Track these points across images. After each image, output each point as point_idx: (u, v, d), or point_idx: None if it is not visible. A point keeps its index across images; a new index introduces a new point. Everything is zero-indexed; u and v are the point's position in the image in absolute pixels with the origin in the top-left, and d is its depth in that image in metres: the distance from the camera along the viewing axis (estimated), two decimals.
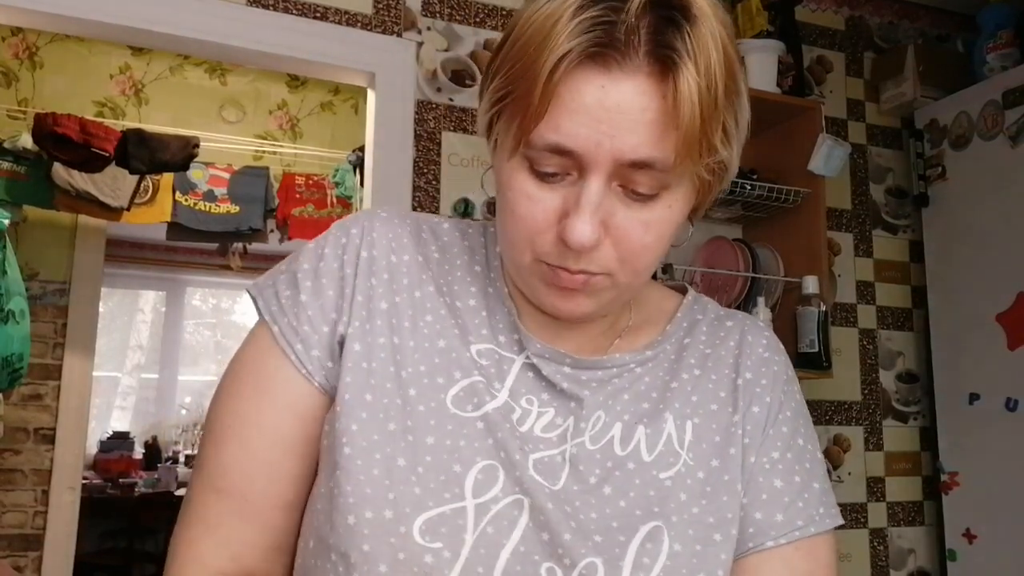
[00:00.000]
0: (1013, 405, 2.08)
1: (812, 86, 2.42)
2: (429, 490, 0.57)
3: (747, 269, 2.05)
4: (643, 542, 0.59)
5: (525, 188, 0.57)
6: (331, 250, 0.66)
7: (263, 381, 0.63)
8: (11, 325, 2.07)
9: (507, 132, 0.57)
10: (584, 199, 0.55)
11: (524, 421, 0.62)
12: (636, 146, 0.54)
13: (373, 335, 0.63)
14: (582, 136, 0.53)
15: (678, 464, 0.63)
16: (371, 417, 0.60)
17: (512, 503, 0.58)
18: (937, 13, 2.67)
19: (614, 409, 0.65)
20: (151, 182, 3.27)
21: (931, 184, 2.37)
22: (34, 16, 1.75)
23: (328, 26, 1.92)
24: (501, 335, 0.66)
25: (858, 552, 2.27)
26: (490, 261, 0.69)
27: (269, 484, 0.62)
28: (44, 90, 3.35)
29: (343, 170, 3.42)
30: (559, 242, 0.57)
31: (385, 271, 0.65)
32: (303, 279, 0.65)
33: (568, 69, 0.52)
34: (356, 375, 0.61)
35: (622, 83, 0.53)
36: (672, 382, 0.67)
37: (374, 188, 1.93)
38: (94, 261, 3.37)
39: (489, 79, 0.60)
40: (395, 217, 0.69)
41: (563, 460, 0.62)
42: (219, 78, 3.69)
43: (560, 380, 0.64)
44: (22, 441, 3.20)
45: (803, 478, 0.67)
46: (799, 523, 0.64)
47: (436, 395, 0.61)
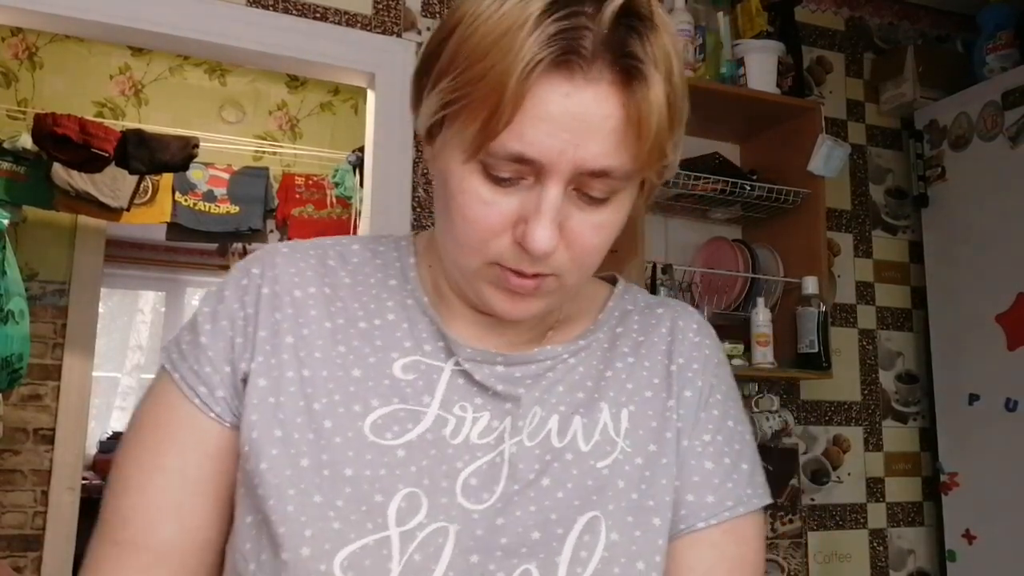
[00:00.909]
0: (1013, 405, 2.08)
1: (812, 87, 2.42)
2: (350, 523, 0.56)
3: (747, 269, 2.05)
4: (580, 535, 0.59)
5: (479, 192, 0.56)
6: (231, 292, 0.65)
7: (165, 427, 0.62)
8: (11, 325, 2.07)
9: (460, 136, 0.55)
10: (544, 206, 0.54)
11: (459, 431, 0.62)
12: (597, 155, 0.54)
13: (280, 369, 0.61)
14: (546, 145, 0.53)
15: (615, 452, 0.63)
16: (282, 453, 0.58)
17: (437, 530, 0.57)
18: (937, 14, 2.67)
19: (549, 402, 0.64)
20: (151, 182, 3.27)
21: (931, 185, 2.37)
22: (34, 16, 1.75)
23: (328, 26, 1.92)
24: (426, 344, 0.65)
25: (858, 552, 2.27)
26: (406, 273, 0.69)
27: (177, 530, 0.60)
28: (44, 90, 3.34)
29: (343, 170, 3.42)
30: (515, 246, 0.56)
31: (290, 306, 0.64)
32: (203, 323, 0.64)
33: (537, 75, 0.51)
34: (263, 412, 0.60)
35: (585, 91, 0.53)
36: (606, 371, 0.67)
37: (374, 188, 1.93)
38: (94, 261, 3.37)
39: (433, 78, 0.57)
40: (297, 251, 0.68)
41: (501, 461, 0.61)
42: (219, 78, 3.69)
43: (493, 383, 0.64)
44: (22, 441, 3.20)
45: (733, 459, 0.67)
46: (728, 503, 0.65)
47: (353, 424, 0.60)
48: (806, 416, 2.28)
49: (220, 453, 0.62)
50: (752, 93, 2.00)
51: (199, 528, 0.61)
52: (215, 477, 0.62)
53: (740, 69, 2.03)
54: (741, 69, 2.03)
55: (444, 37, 0.56)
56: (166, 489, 0.61)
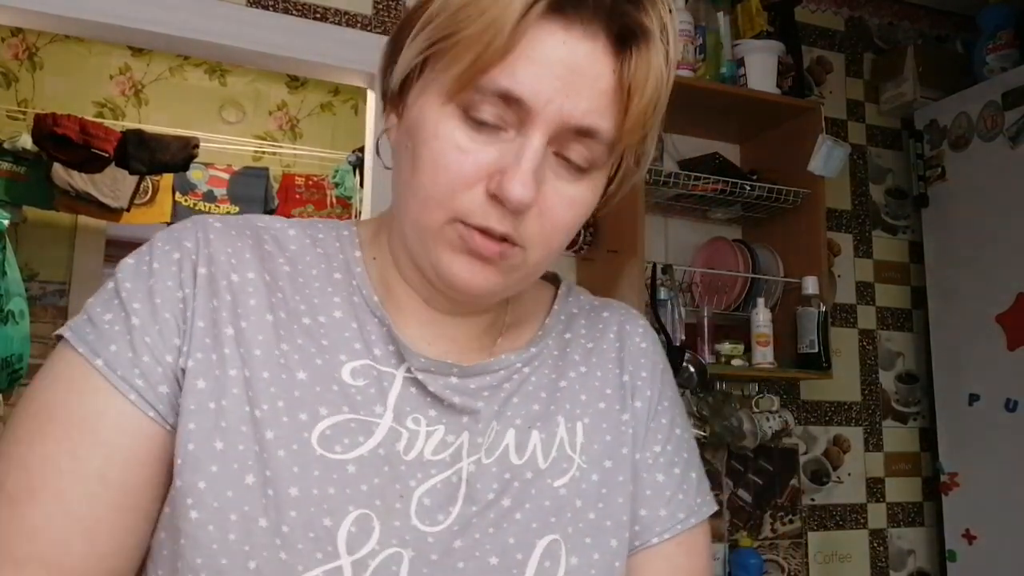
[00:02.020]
0: (1013, 406, 2.08)
1: (812, 87, 2.42)
2: (297, 552, 0.50)
3: (747, 270, 2.05)
4: (541, 560, 0.56)
5: (455, 137, 0.53)
6: (161, 265, 0.55)
7: (83, 424, 0.51)
8: (11, 326, 2.07)
9: (445, 74, 0.52)
10: (526, 156, 0.52)
11: (412, 447, 0.56)
12: (586, 112, 0.52)
13: (222, 367, 0.53)
14: (536, 88, 0.51)
15: (572, 469, 0.60)
16: (223, 470, 0.50)
17: (390, 557, 0.52)
18: (937, 14, 2.67)
19: (505, 415, 0.61)
20: (151, 183, 3.27)
21: (931, 185, 2.37)
22: (34, 17, 1.75)
23: (328, 27, 1.92)
24: (376, 348, 0.59)
25: (858, 553, 2.27)
26: (351, 267, 0.62)
27: (92, 547, 0.50)
28: (44, 91, 3.35)
29: (343, 171, 3.42)
30: (488, 200, 0.53)
31: (227, 291, 0.56)
32: (129, 300, 0.54)
33: (534, 16, 0.50)
34: (201, 419, 0.52)
35: (582, 44, 0.52)
36: (560, 380, 0.64)
37: (374, 189, 1.93)
38: (94, 262, 3.37)
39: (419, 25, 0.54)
40: (231, 228, 0.59)
41: (459, 480, 0.57)
42: (219, 79, 3.69)
43: (450, 395, 0.59)
44: None
45: (682, 469, 0.66)
46: (680, 516, 0.64)
47: (298, 435, 0.53)
48: (806, 416, 2.27)
49: (153, 460, 0.52)
50: (752, 93, 2.00)
51: (112, 553, 0.51)
52: (143, 489, 0.52)
53: (740, 69, 2.04)
54: (741, 69, 2.03)
55: None
56: (84, 499, 0.50)
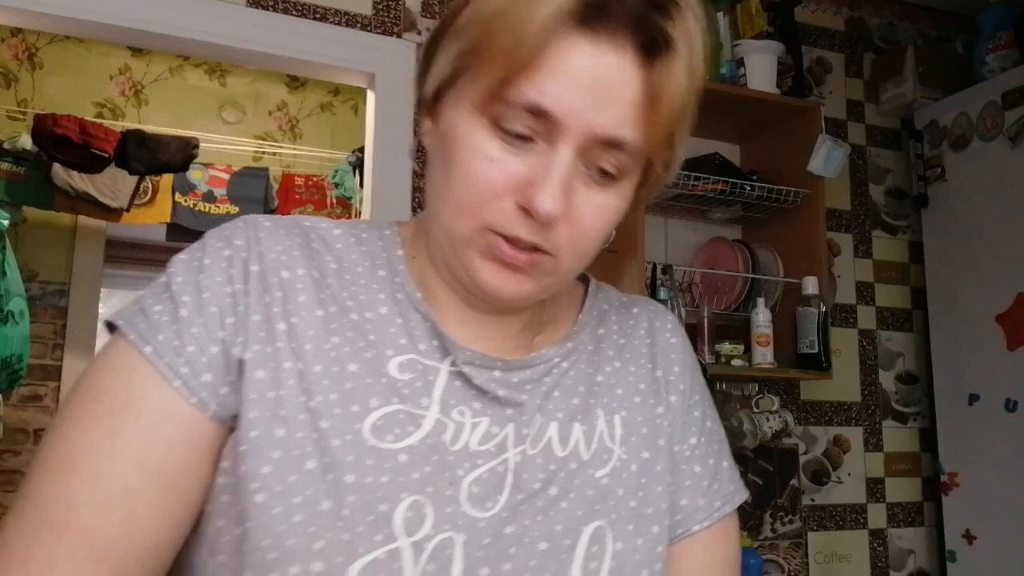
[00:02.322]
0: (1013, 406, 2.08)
1: (812, 87, 2.42)
2: (358, 534, 0.51)
3: (747, 270, 2.05)
4: (589, 545, 0.58)
5: (485, 148, 0.54)
6: (212, 262, 0.57)
7: (127, 408, 0.53)
8: (10, 326, 2.07)
9: (475, 85, 0.54)
10: (555, 168, 0.53)
11: (458, 438, 0.58)
12: (614, 123, 0.53)
13: (277, 359, 0.55)
14: (564, 101, 0.52)
15: (612, 460, 0.63)
16: (286, 455, 0.53)
17: (444, 540, 0.54)
18: (937, 14, 2.67)
19: (547, 408, 0.63)
20: (151, 183, 3.27)
21: (931, 185, 2.37)
22: (34, 17, 1.75)
23: (327, 27, 1.92)
24: (420, 343, 0.61)
25: (858, 553, 2.27)
26: (394, 265, 0.64)
27: (127, 525, 0.51)
28: (44, 91, 3.35)
29: (343, 171, 3.42)
30: (517, 210, 0.54)
31: (278, 288, 0.58)
32: (179, 293, 0.56)
33: (561, 29, 0.51)
34: (262, 407, 0.54)
35: (609, 55, 0.52)
36: (596, 375, 0.67)
37: (374, 189, 1.93)
38: (94, 262, 3.37)
39: (451, 35, 0.56)
40: (280, 228, 0.61)
41: (505, 470, 0.58)
42: (219, 79, 3.69)
43: (494, 388, 0.61)
44: (22, 442, 3.19)
45: (715, 459, 0.69)
46: (717, 504, 0.67)
47: (351, 426, 0.55)
48: (806, 416, 2.28)
49: (193, 445, 0.54)
50: (752, 93, 2.00)
51: (148, 532, 0.52)
52: (182, 473, 0.53)
53: (740, 69, 2.04)
54: (741, 69, 2.03)
55: (459, 7, 0.56)
56: (122, 477, 0.51)
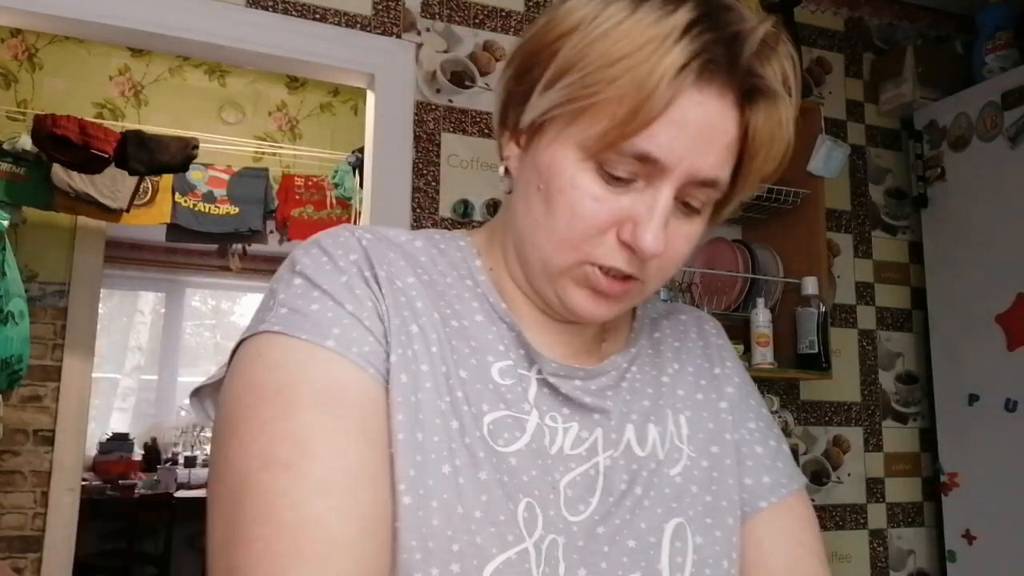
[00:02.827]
0: (1012, 406, 2.08)
1: (811, 87, 2.42)
2: (490, 535, 0.54)
3: (746, 270, 2.05)
4: (672, 541, 0.61)
5: (592, 189, 0.57)
6: (345, 264, 0.58)
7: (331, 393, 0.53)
8: (10, 326, 2.07)
9: (583, 133, 0.56)
10: (658, 208, 0.56)
11: (554, 442, 0.61)
12: (712, 166, 0.56)
13: (416, 362, 0.57)
14: (672, 149, 0.55)
15: (682, 459, 0.66)
16: (425, 460, 0.55)
17: (551, 542, 0.56)
18: (936, 14, 2.67)
19: (622, 411, 0.66)
20: (150, 183, 3.27)
21: (930, 185, 2.38)
22: (34, 17, 1.75)
23: (327, 27, 1.92)
24: (511, 352, 0.63)
25: (858, 553, 2.27)
26: (475, 276, 0.66)
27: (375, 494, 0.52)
28: (43, 91, 3.35)
29: (342, 171, 3.42)
30: (618, 244, 0.58)
31: (401, 294, 0.60)
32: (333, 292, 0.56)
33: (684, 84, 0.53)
34: (407, 411, 0.55)
35: (714, 103, 0.55)
36: (661, 376, 0.70)
37: (373, 189, 1.93)
38: (93, 262, 3.37)
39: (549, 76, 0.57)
40: (377, 239, 0.62)
41: (596, 473, 0.61)
42: (218, 79, 3.69)
43: (580, 395, 0.64)
44: (21, 443, 3.20)
45: (776, 442, 0.72)
46: (783, 481, 0.69)
47: (475, 426, 0.57)
48: (806, 416, 2.28)
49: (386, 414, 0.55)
50: None
51: (385, 502, 0.52)
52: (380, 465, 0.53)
53: None
54: None
55: (563, 34, 0.57)
56: (356, 453, 0.52)
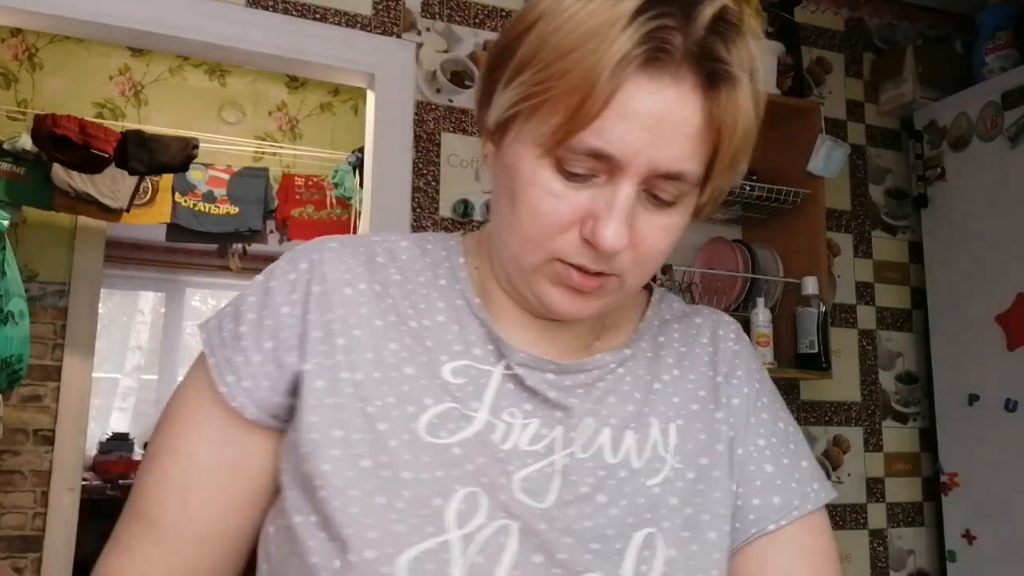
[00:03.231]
0: (1013, 406, 2.08)
1: (811, 87, 2.42)
2: (411, 526, 0.55)
3: (746, 270, 2.05)
4: (640, 549, 0.59)
5: (551, 186, 0.56)
6: (277, 284, 0.64)
7: (190, 412, 0.63)
8: (10, 326, 2.07)
9: (538, 130, 0.55)
10: (618, 204, 0.55)
11: (508, 438, 0.61)
12: (674, 158, 0.54)
13: (335, 370, 0.61)
14: (625, 143, 0.53)
15: (664, 470, 0.63)
16: (343, 455, 0.57)
17: (499, 529, 0.56)
18: (936, 14, 2.67)
19: (601, 414, 0.64)
20: (150, 183, 3.27)
21: (930, 185, 2.38)
22: (34, 17, 1.75)
23: (327, 27, 1.92)
24: (476, 348, 0.64)
25: (858, 553, 2.27)
26: (455, 272, 0.68)
27: (180, 513, 0.61)
28: (43, 91, 3.35)
29: (343, 171, 3.42)
30: (583, 242, 0.57)
31: (340, 305, 0.63)
32: (246, 312, 0.63)
33: (628, 73, 0.52)
34: (322, 413, 0.59)
35: (669, 91, 0.53)
36: (654, 383, 0.67)
37: (374, 189, 1.93)
38: (93, 262, 3.37)
39: (510, 71, 0.57)
40: (347, 247, 0.67)
41: (553, 472, 0.60)
42: (218, 79, 3.69)
43: (545, 389, 0.63)
44: (21, 442, 3.20)
45: (791, 459, 0.68)
46: (795, 502, 0.66)
47: (407, 426, 0.59)
48: (806, 416, 2.28)
49: (235, 449, 0.62)
50: None
51: (203, 519, 0.62)
52: (229, 469, 0.62)
53: None
54: None
55: (522, 31, 0.56)
56: (176, 473, 0.62)
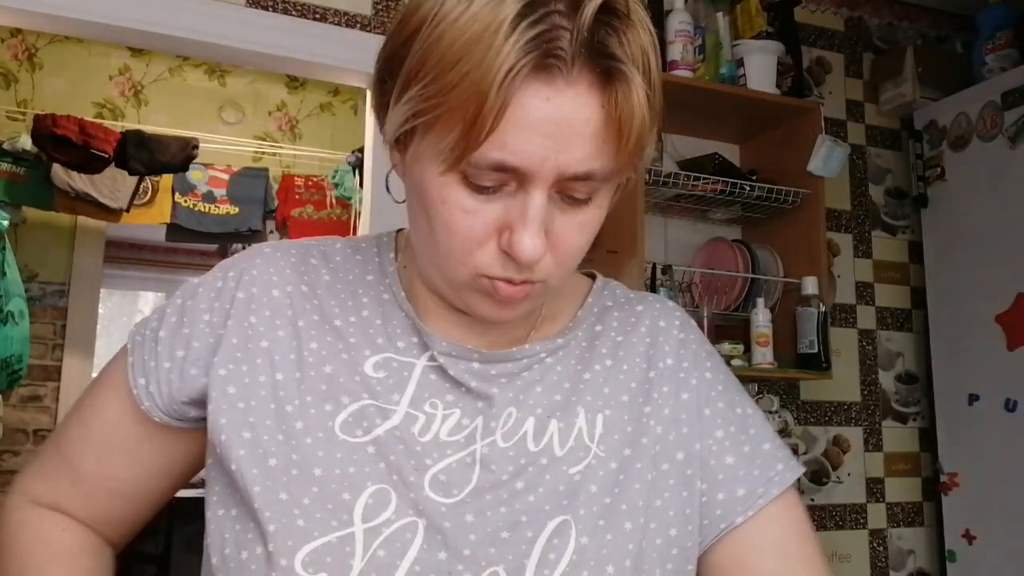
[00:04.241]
0: (1012, 406, 2.08)
1: (811, 87, 2.42)
2: (315, 520, 0.56)
3: (746, 270, 2.05)
4: (550, 538, 0.58)
5: (461, 202, 0.54)
6: (204, 291, 0.67)
7: (115, 386, 0.68)
8: (10, 326, 2.07)
9: (437, 147, 0.53)
10: (530, 213, 0.53)
11: (428, 429, 0.61)
12: (581, 160, 0.53)
13: (252, 375, 0.62)
14: (528, 152, 0.51)
15: (588, 458, 0.63)
16: (249, 454, 0.59)
17: (405, 525, 0.57)
18: (936, 14, 2.67)
19: (526, 403, 0.64)
20: (150, 183, 3.27)
21: (930, 185, 2.37)
22: (33, 17, 1.75)
23: (327, 27, 1.92)
24: (399, 341, 0.65)
25: (857, 553, 2.27)
26: (384, 268, 0.69)
27: (96, 467, 0.69)
28: (43, 91, 3.35)
29: (342, 171, 3.42)
30: (501, 255, 0.55)
31: (266, 308, 0.65)
32: (170, 315, 0.67)
33: (518, 82, 0.49)
34: (231, 415, 0.61)
35: (565, 94, 0.51)
36: (584, 372, 0.67)
37: (373, 189, 1.93)
38: (93, 262, 3.37)
39: (400, 84, 0.54)
40: (279, 251, 0.69)
41: (473, 461, 0.61)
42: (218, 79, 3.69)
43: (468, 379, 0.63)
44: (21, 443, 3.20)
45: (752, 446, 0.67)
46: (760, 490, 0.65)
47: (323, 424, 0.61)
48: (806, 416, 2.28)
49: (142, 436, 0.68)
50: (752, 93, 2.00)
51: (117, 477, 0.69)
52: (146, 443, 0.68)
53: (740, 69, 2.04)
54: (741, 69, 2.03)
55: (407, 38, 0.54)
56: (98, 435, 0.69)
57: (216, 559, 0.60)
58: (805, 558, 0.65)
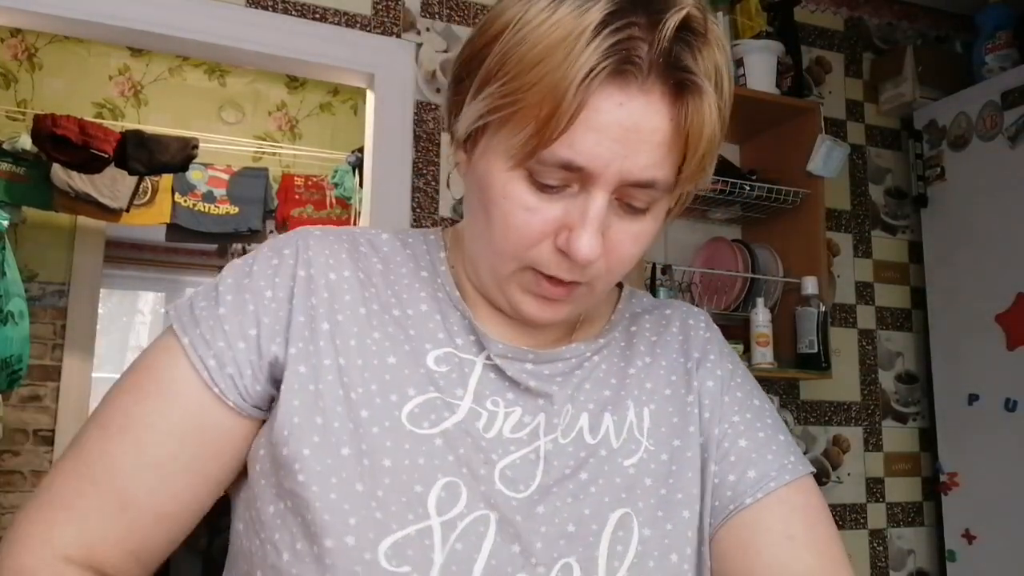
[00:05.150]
0: (1012, 405, 2.08)
1: (811, 87, 2.42)
2: (391, 513, 0.56)
3: (746, 270, 2.05)
4: (615, 530, 0.60)
5: (522, 199, 0.56)
6: (260, 268, 0.64)
7: (168, 389, 0.61)
8: (10, 326, 2.07)
9: (508, 142, 0.55)
10: (591, 214, 0.55)
11: (491, 426, 0.62)
12: (645, 167, 0.55)
13: (318, 356, 0.61)
14: (595, 154, 0.53)
15: (639, 451, 0.65)
16: (323, 441, 0.58)
17: (478, 519, 0.58)
18: (936, 14, 2.67)
19: (578, 400, 0.66)
20: (150, 183, 3.27)
21: (930, 185, 2.38)
22: (33, 17, 1.75)
23: (327, 27, 1.92)
24: (458, 338, 0.65)
25: (857, 553, 2.27)
26: (435, 267, 0.69)
27: (153, 491, 0.60)
28: (43, 91, 3.34)
29: (342, 171, 3.42)
30: (556, 253, 0.57)
31: (325, 290, 0.63)
32: (224, 292, 0.63)
33: (595, 85, 0.52)
34: (304, 398, 0.59)
35: (637, 101, 0.53)
36: (628, 368, 0.69)
37: (373, 189, 1.93)
38: (93, 262, 3.37)
39: (477, 83, 0.57)
40: (330, 234, 0.68)
41: (537, 458, 0.62)
42: (218, 79, 3.69)
43: (526, 378, 0.65)
44: (21, 443, 3.19)
45: (766, 433, 0.69)
46: (772, 473, 0.66)
47: (390, 414, 0.60)
48: (806, 416, 2.28)
49: (211, 434, 0.61)
50: (751, 93, 2.00)
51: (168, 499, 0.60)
52: (201, 457, 0.61)
53: (739, 69, 2.04)
54: (741, 69, 2.03)
55: (488, 41, 0.56)
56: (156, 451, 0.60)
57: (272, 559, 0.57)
58: (813, 543, 0.64)
